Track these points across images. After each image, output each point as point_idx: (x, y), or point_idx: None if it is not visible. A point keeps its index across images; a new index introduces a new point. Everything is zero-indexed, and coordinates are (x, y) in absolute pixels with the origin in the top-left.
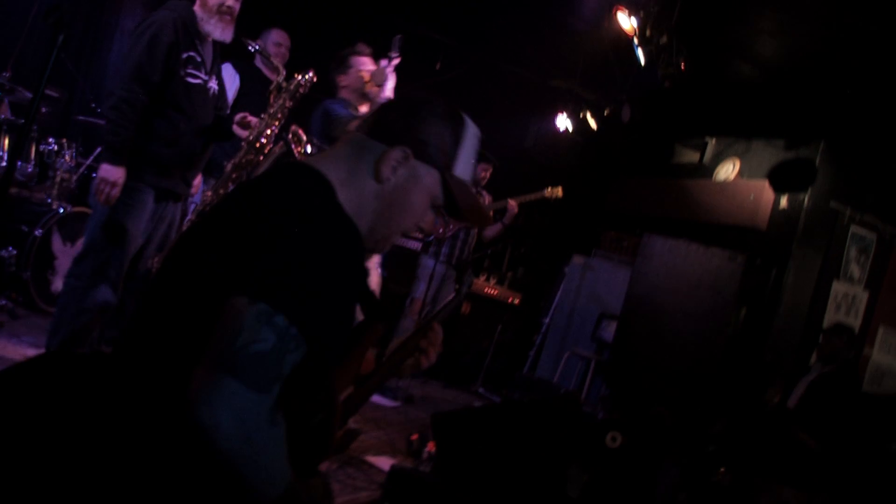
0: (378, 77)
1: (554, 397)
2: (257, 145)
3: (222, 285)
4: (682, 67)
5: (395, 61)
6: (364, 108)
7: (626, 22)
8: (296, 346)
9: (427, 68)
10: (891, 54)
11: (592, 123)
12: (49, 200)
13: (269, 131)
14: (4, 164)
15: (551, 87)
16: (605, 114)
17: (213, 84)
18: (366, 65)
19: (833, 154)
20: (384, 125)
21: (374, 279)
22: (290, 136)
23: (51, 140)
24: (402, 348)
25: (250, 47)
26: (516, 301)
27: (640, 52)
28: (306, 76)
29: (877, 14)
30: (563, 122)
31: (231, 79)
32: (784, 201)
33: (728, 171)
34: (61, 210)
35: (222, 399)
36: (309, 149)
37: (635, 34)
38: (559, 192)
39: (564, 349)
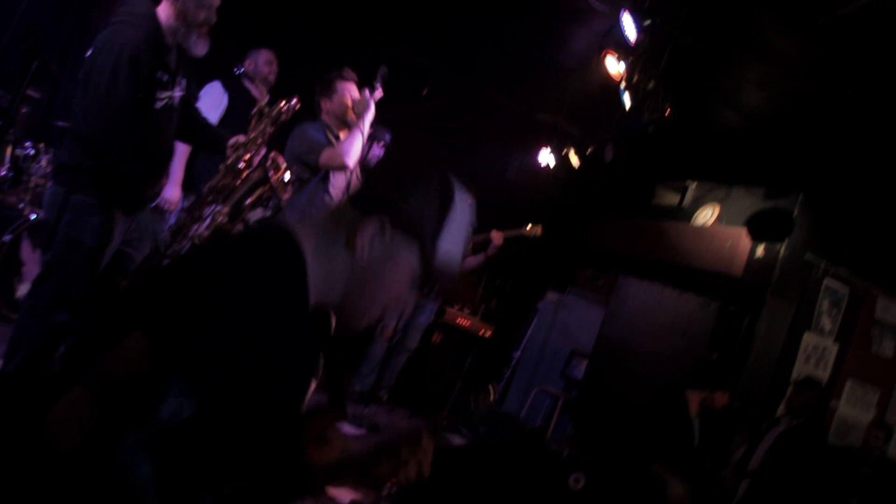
0: (360, 107)
1: (519, 437)
2: (235, 169)
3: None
4: (667, 113)
5: (378, 94)
6: (343, 134)
7: (614, 66)
8: None
9: (414, 93)
10: (870, 113)
11: (575, 161)
12: (21, 206)
13: (247, 156)
14: None
15: (536, 120)
16: (588, 152)
17: (178, 92)
18: (351, 91)
19: (811, 206)
20: (367, 193)
21: None
22: (269, 162)
23: (28, 144)
24: (378, 456)
25: (236, 70)
26: (488, 333)
27: (626, 97)
28: (290, 103)
29: (859, 74)
30: (546, 157)
31: (219, 98)
32: (760, 250)
33: (707, 216)
34: (33, 216)
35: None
36: (287, 176)
37: (622, 79)
38: (539, 230)
39: (533, 385)
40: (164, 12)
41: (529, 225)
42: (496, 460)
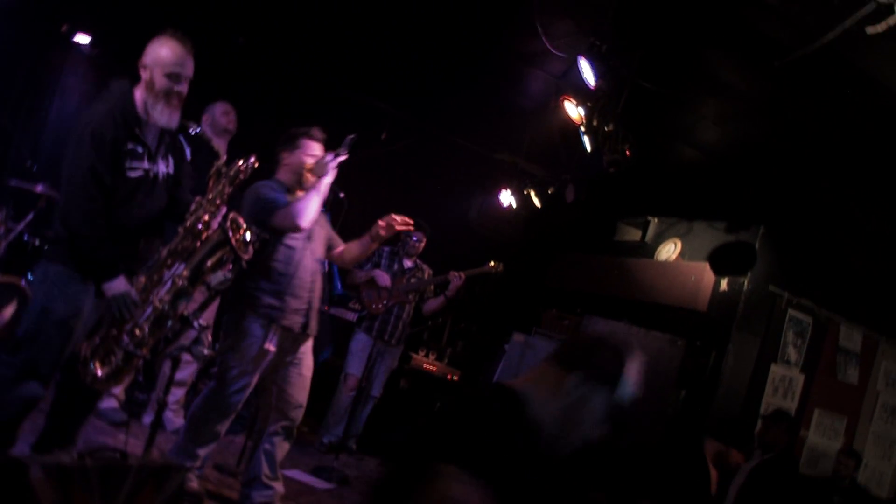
0: (319, 169)
1: None
2: (194, 231)
3: None
4: (628, 153)
5: (342, 158)
6: (299, 194)
7: (574, 111)
8: None
9: (373, 137)
10: (826, 147)
11: (536, 201)
12: None
13: (206, 217)
14: None
15: (496, 160)
16: (549, 192)
17: (162, 167)
18: (313, 150)
19: (771, 239)
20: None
21: None
22: (228, 222)
23: None
24: None
25: (192, 130)
26: (455, 377)
27: (586, 140)
28: (248, 162)
29: (814, 111)
30: (507, 197)
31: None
32: (724, 284)
33: (670, 251)
34: None
35: None
36: (248, 236)
37: (582, 123)
38: (501, 267)
39: None
40: (140, 89)
41: (492, 262)
42: None
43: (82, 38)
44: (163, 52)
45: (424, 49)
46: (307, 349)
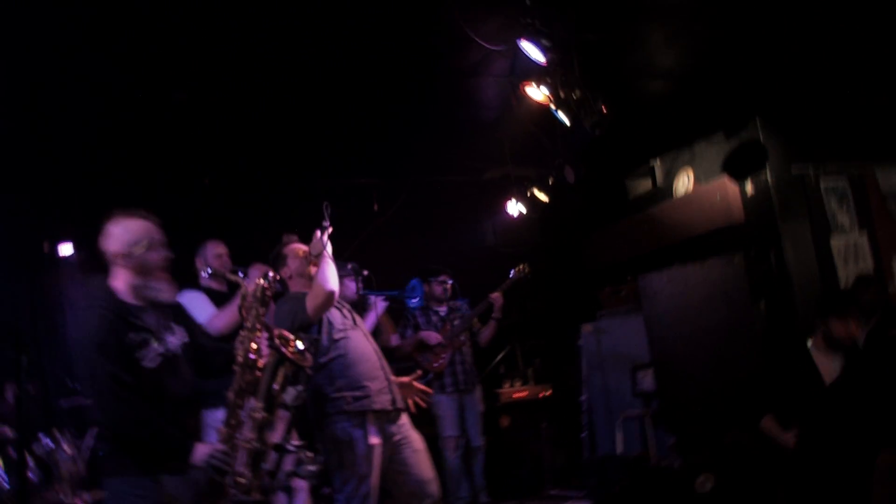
0: (315, 251)
1: (629, 471)
2: (249, 363)
3: None
4: (604, 111)
5: (329, 229)
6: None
7: (537, 94)
8: None
9: (366, 212)
10: (781, 15)
11: (543, 197)
12: (64, 499)
13: (253, 345)
14: (7, 485)
15: (488, 181)
16: (551, 183)
17: (173, 341)
18: (298, 249)
19: (771, 124)
20: None
21: None
22: (277, 340)
23: (41, 437)
24: None
25: (203, 273)
26: (548, 393)
27: (561, 115)
28: (268, 278)
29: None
30: (515, 207)
31: (200, 297)
32: (749, 188)
33: (685, 183)
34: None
35: None
36: (300, 345)
37: (550, 101)
38: (526, 268)
39: (614, 417)
40: (119, 279)
41: (513, 270)
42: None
43: (66, 249)
44: (131, 234)
45: (373, 113)
46: (406, 423)
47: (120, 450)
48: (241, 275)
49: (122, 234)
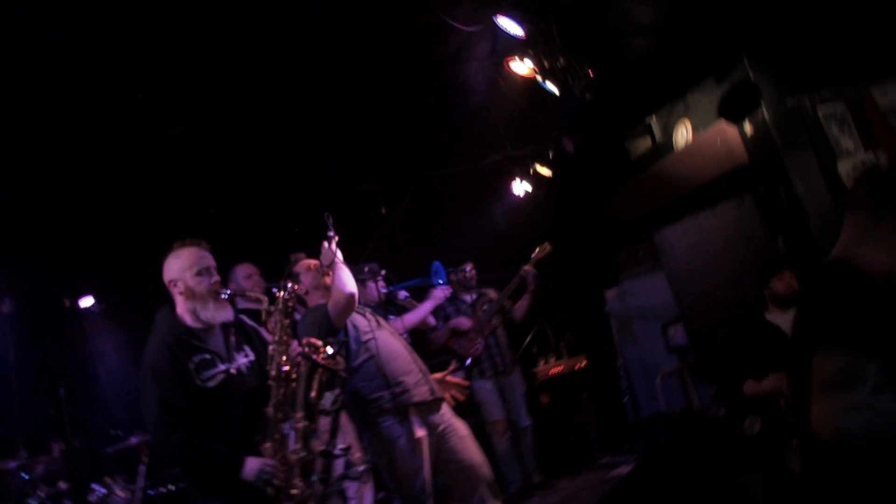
0: (326, 261)
1: (677, 427)
2: (282, 376)
3: None
4: (591, 74)
5: (334, 238)
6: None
7: (522, 67)
8: None
9: (376, 217)
10: None
11: (546, 172)
12: None
13: (284, 358)
14: None
15: (490, 165)
16: (551, 156)
17: (241, 360)
18: (306, 263)
19: (758, 60)
20: None
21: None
22: (306, 348)
23: (94, 487)
24: None
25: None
26: (583, 364)
27: (549, 86)
28: (288, 289)
29: None
30: (520, 187)
31: None
32: (748, 128)
33: (684, 134)
34: None
35: None
36: (329, 350)
37: (536, 72)
38: (548, 246)
39: (652, 377)
40: (179, 306)
41: (536, 249)
42: (675, 459)
43: (86, 302)
44: (181, 261)
45: (365, 118)
46: (448, 412)
47: (191, 485)
48: (274, 290)
49: (174, 262)
